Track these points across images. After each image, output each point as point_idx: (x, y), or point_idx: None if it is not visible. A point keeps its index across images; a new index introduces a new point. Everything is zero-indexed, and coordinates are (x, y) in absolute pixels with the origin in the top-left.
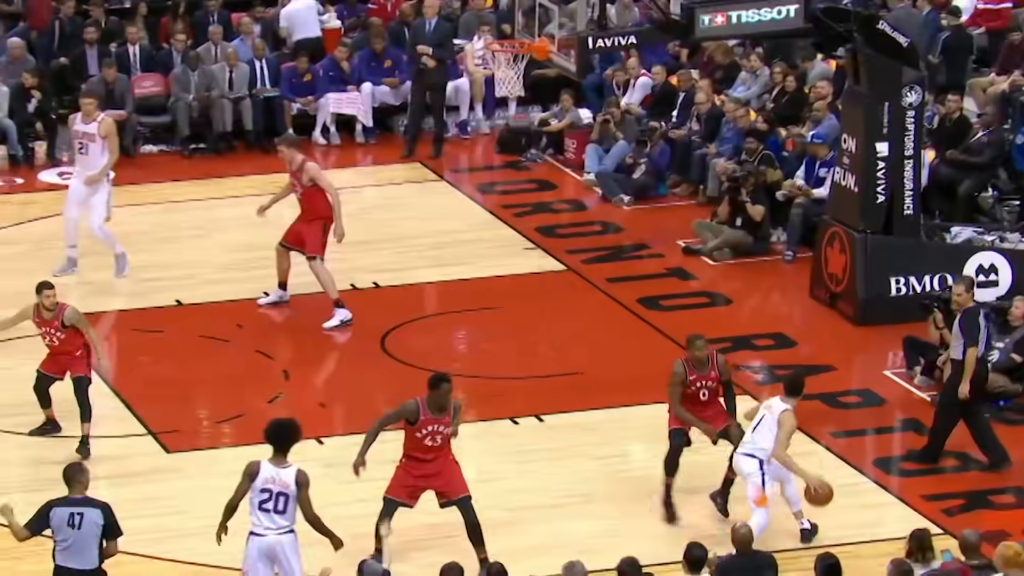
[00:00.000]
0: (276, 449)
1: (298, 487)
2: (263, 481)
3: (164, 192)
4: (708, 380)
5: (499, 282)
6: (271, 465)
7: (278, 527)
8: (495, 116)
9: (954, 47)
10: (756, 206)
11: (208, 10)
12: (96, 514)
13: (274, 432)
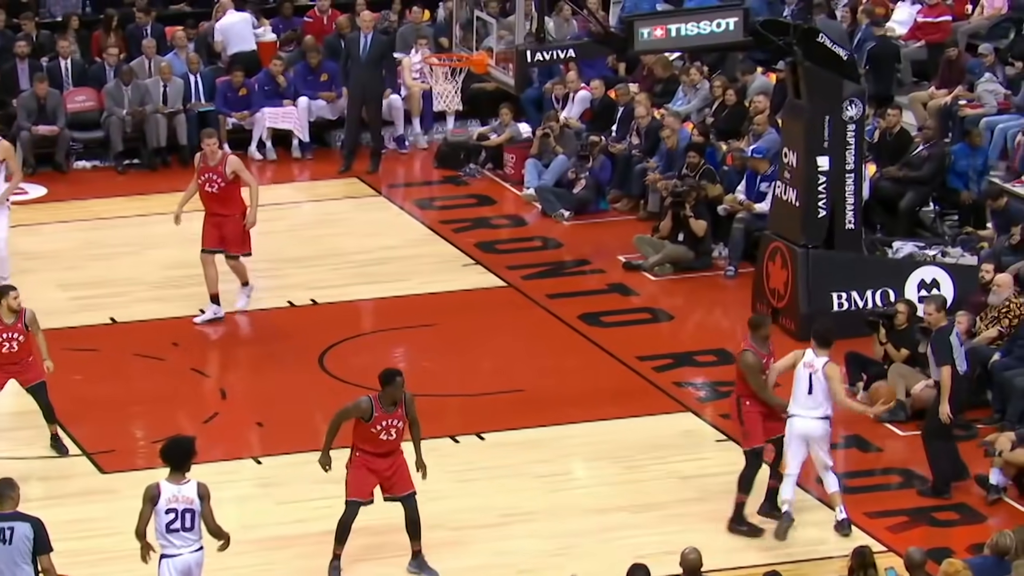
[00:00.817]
0: (173, 467)
1: (201, 500)
2: (166, 502)
3: (97, 208)
4: (771, 359)
5: (438, 299)
6: (170, 484)
7: (190, 545)
8: (433, 130)
9: (880, 57)
10: (699, 221)
11: (141, 24)
12: (26, 528)
13: (171, 450)
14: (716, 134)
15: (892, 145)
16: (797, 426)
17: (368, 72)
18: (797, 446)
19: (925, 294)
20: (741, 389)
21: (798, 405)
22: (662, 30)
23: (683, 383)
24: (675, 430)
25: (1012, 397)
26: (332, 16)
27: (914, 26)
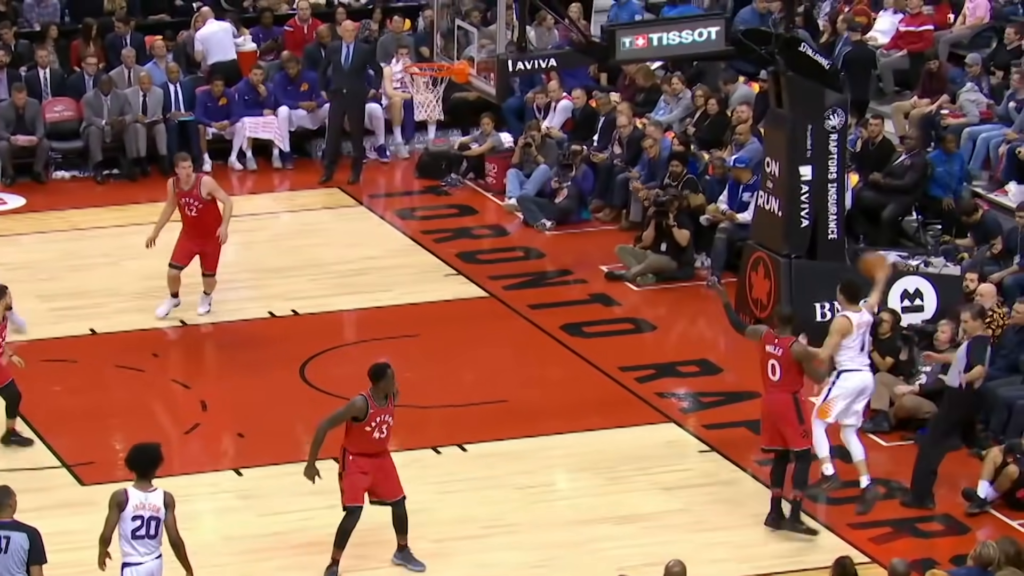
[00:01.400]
0: (139, 474)
1: (167, 508)
2: (133, 508)
3: (76, 219)
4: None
5: (420, 309)
6: (138, 491)
7: (152, 552)
8: (414, 140)
9: (856, 62)
10: (682, 230)
11: (120, 33)
12: (22, 538)
13: (137, 457)
14: (698, 144)
15: (875, 155)
16: (855, 380)
17: (351, 81)
18: (849, 402)
19: (908, 304)
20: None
21: (855, 361)
22: (644, 39)
23: (666, 394)
24: (658, 441)
25: (996, 408)
26: (312, 26)
27: (896, 35)
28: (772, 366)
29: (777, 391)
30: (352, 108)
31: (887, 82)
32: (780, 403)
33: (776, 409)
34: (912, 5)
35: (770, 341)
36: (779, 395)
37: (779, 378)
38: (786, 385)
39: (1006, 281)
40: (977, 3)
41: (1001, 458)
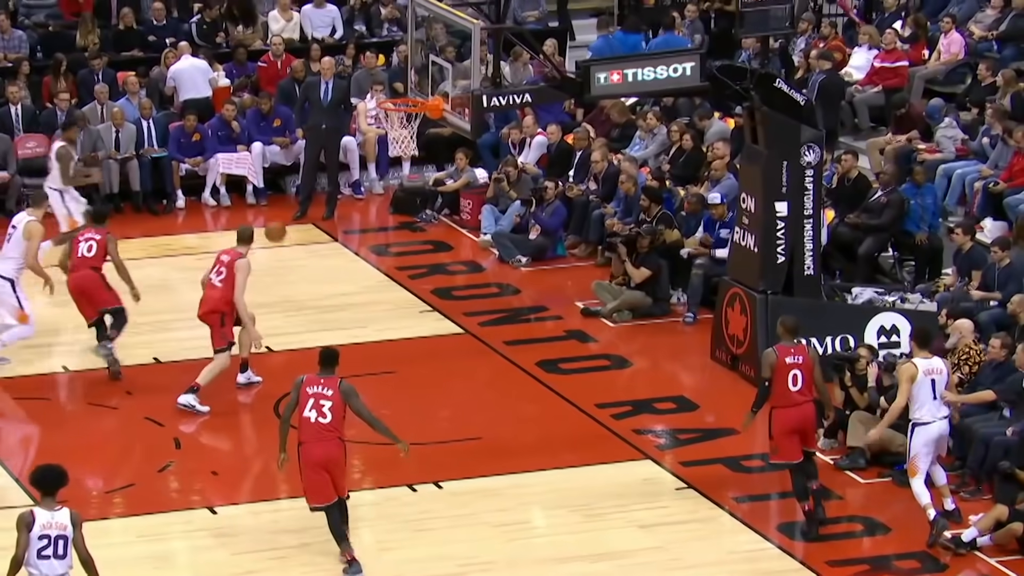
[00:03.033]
0: (44, 493)
1: (74, 527)
2: (40, 528)
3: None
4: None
5: (395, 346)
6: (44, 511)
7: (59, 572)
8: (389, 176)
9: (827, 91)
10: (640, 269)
11: (93, 69)
12: None
13: (41, 477)
14: (673, 180)
15: (850, 191)
16: (932, 432)
17: (330, 117)
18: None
19: (884, 340)
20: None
21: (929, 412)
22: (618, 75)
23: (643, 430)
24: (635, 478)
25: (974, 444)
26: (286, 61)
27: (871, 71)
28: (794, 376)
29: (804, 400)
30: (331, 144)
31: (862, 118)
32: (810, 412)
33: (808, 418)
34: (887, 41)
35: (787, 353)
36: (808, 406)
37: (801, 387)
38: (809, 392)
39: (981, 317)
40: (952, 39)
41: (1007, 516)
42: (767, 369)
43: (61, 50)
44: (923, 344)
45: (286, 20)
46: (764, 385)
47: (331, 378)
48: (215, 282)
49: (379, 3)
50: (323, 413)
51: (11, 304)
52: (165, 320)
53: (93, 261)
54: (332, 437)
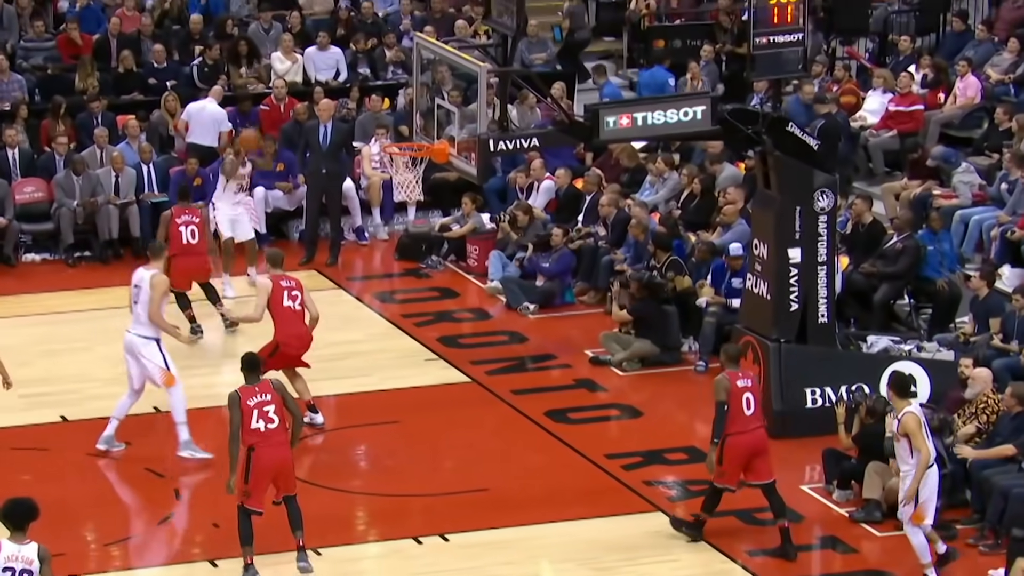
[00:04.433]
0: (13, 528)
1: (41, 563)
2: (5, 559)
3: (48, 303)
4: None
5: (400, 395)
6: (11, 543)
7: None
8: (394, 221)
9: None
10: (621, 312)
11: (92, 112)
12: None
13: (11, 511)
14: (685, 225)
15: (864, 237)
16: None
17: (329, 161)
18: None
19: None
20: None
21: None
22: (628, 119)
23: (653, 482)
24: (645, 531)
25: (991, 496)
26: (289, 104)
27: (886, 115)
28: (747, 400)
29: (757, 425)
30: (331, 188)
31: (877, 163)
32: (763, 438)
33: (761, 444)
34: (902, 85)
35: (738, 377)
36: (761, 430)
37: (754, 410)
38: (760, 417)
39: (996, 365)
40: (968, 83)
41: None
42: (721, 393)
43: (60, 93)
44: (904, 394)
45: (290, 62)
46: (722, 409)
47: (263, 383)
48: (295, 308)
49: (384, 46)
50: (270, 419)
51: (157, 365)
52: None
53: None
54: (284, 441)
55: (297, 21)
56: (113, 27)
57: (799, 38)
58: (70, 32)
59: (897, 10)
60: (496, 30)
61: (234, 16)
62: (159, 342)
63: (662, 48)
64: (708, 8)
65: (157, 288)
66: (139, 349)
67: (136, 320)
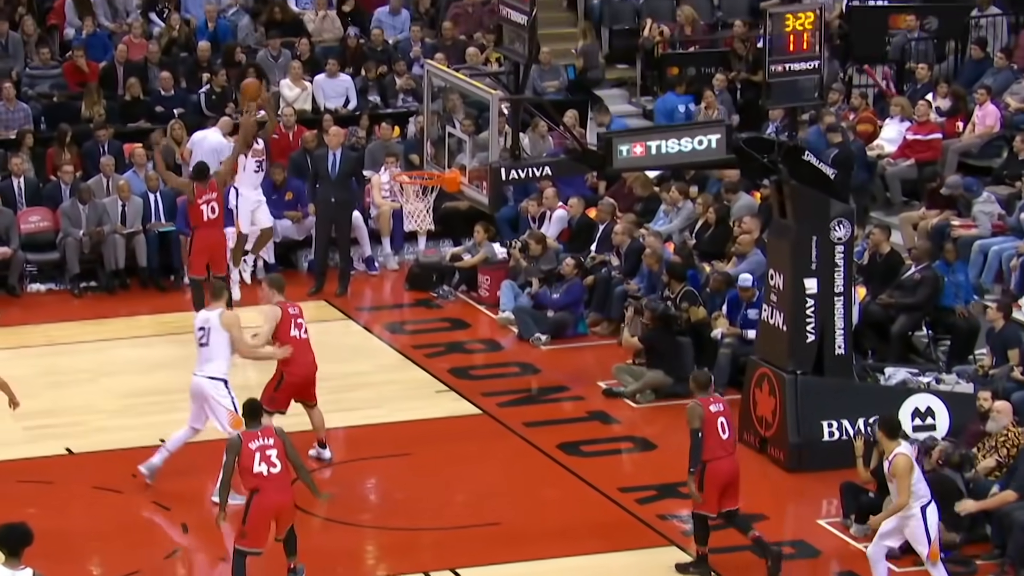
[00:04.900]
0: (9, 553)
1: None
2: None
3: (52, 333)
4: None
5: (410, 427)
6: (6, 569)
7: None
8: (404, 251)
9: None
10: (631, 339)
11: (98, 140)
12: None
13: (5, 537)
14: (699, 255)
15: (882, 267)
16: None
17: (338, 190)
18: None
19: (919, 423)
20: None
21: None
22: (641, 147)
23: (668, 516)
24: (660, 565)
25: (1012, 531)
26: (298, 132)
27: (903, 144)
28: (722, 424)
29: (732, 451)
30: (340, 217)
31: (894, 192)
32: (736, 465)
33: (738, 469)
34: (920, 113)
35: (710, 402)
36: (734, 457)
37: (729, 435)
38: (735, 442)
39: (1016, 398)
40: (987, 111)
41: None
42: (695, 420)
43: (66, 121)
44: (894, 435)
45: (299, 90)
46: (697, 436)
47: (265, 428)
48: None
49: (394, 73)
50: (272, 463)
51: (225, 407)
52: (172, 400)
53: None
54: (286, 485)
55: (306, 48)
56: (120, 54)
57: (815, 66)
58: (76, 59)
59: (917, 37)
60: (508, 57)
61: (242, 43)
62: (227, 383)
63: (676, 75)
64: (722, 35)
65: (233, 326)
66: (207, 391)
67: (204, 360)
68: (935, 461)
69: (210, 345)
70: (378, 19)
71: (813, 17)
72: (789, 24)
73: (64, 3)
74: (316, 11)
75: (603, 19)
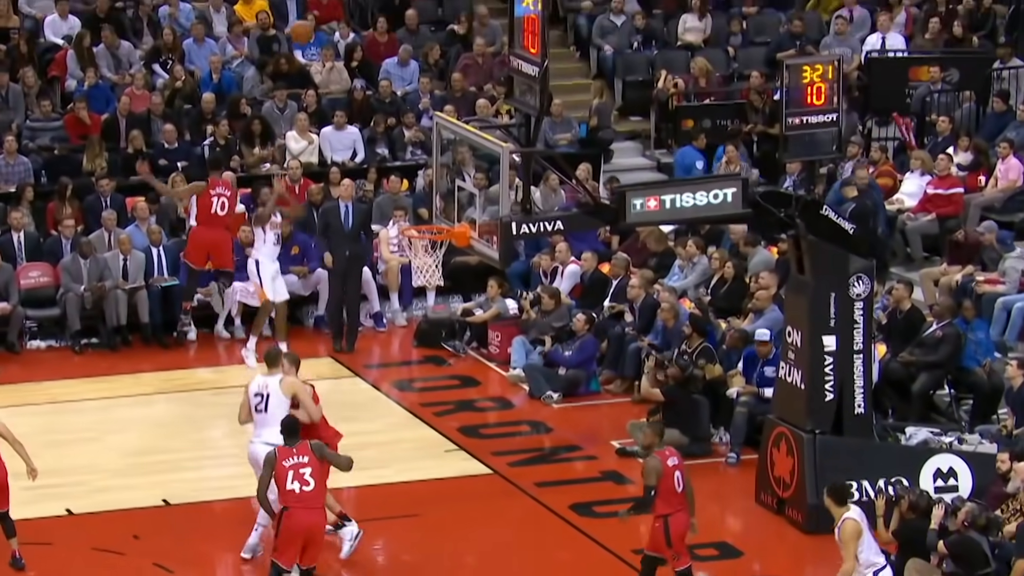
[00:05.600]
0: None
1: None
2: None
3: (53, 391)
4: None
5: (419, 487)
6: None
7: None
8: (412, 307)
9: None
10: (653, 389)
11: (101, 194)
12: None
13: None
14: (715, 311)
15: (903, 324)
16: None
17: (353, 243)
18: None
19: (941, 484)
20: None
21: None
22: (655, 201)
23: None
24: None
25: None
26: (304, 185)
27: (924, 198)
28: (678, 478)
29: (686, 503)
30: (353, 271)
31: (915, 247)
32: (689, 519)
33: (687, 524)
34: (940, 167)
35: (667, 456)
36: (688, 510)
37: (683, 488)
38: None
39: None
40: (1009, 165)
41: None
42: (653, 477)
43: (67, 174)
44: (842, 502)
45: (305, 142)
46: (650, 494)
47: (301, 445)
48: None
49: (402, 125)
50: (305, 481)
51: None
52: (176, 459)
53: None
54: (317, 505)
55: (313, 100)
56: (123, 106)
57: (833, 118)
58: (78, 111)
59: (940, 89)
60: (519, 109)
61: (247, 95)
62: None
63: (692, 128)
64: (738, 87)
65: (300, 392)
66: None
67: (261, 426)
68: (961, 523)
69: (268, 412)
70: (386, 70)
71: (831, 69)
72: (807, 76)
73: (65, 54)
74: (323, 62)
75: (616, 71)
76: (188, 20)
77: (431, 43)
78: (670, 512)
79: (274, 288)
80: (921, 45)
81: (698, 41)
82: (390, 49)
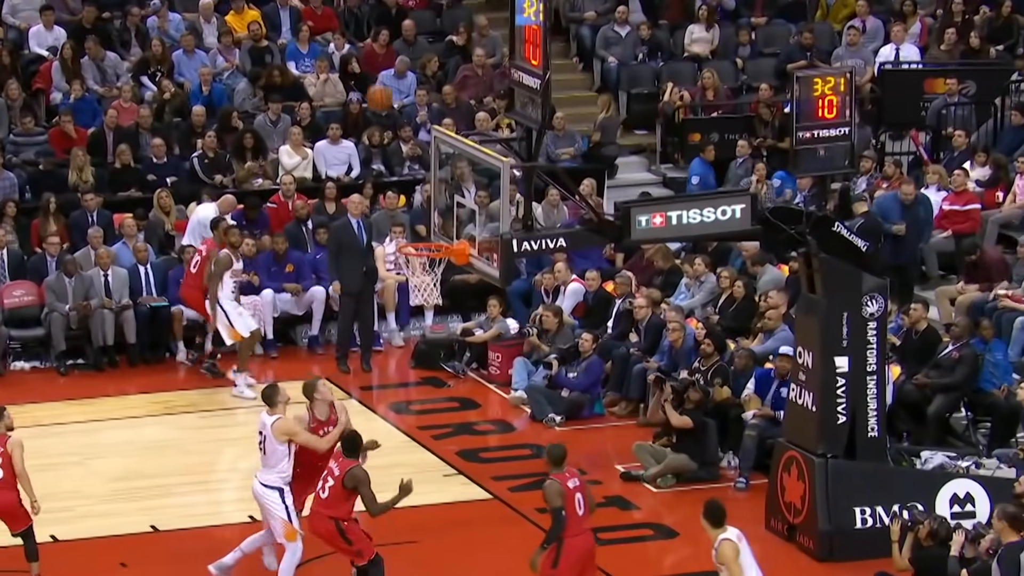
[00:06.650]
0: None
1: None
2: None
3: (37, 414)
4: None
5: (417, 513)
6: None
7: None
8: (410, 327)
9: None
10: (682, 416)
11: (87, 210)
12: None
13: None
14: (723, 331)
15: (918, 345)
16: None
17: (368, 259)
18: None
19: (958, 509)
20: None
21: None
22: (661, 218)
23: None
24: None
25: None
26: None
27: (940, 215)
28: (579, 500)
29: (589, 528)
30: (367, 289)
31: (931, 265)
32: (593, 542)
33: (594, 548)
34: (957, 183)
35: (566, 478)
36: (591, 533)
37: (584, 511)
38: (589, 517)
39: None
40: None
41: None
42: (557, 499)
43: (52, 190)
44: (718, 523)
45: (299, 157)
46: (560, 515)
47: (347, 461)
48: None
49: (399, 140)
50: (324, 489)
51: (280, 517)
52: (165, 484)
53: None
54: (323, 515)
55: (307, 113)
56: (110, 120)
57: (845, 132)
58: (64, 125)
59: (956, 102)
60: (520, 123)
61: (239, 108)
62: (282, 492)
63: (698, 141)
64: (747, 100)
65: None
66: (262, 499)
67: (262, 465)
68: (985, 552)
69: (266, 453)
70: (383, 82)
71: (843, 81)
72: (818, 88)
73: (51, 67)
74: (317, 74)
75: (620, 83)
76: (178, 31)
77: (429, 54)
78: (568, 535)
79: (244, 323)
80: (936, 56)
81: (705, 52)
82: (387, 61)
